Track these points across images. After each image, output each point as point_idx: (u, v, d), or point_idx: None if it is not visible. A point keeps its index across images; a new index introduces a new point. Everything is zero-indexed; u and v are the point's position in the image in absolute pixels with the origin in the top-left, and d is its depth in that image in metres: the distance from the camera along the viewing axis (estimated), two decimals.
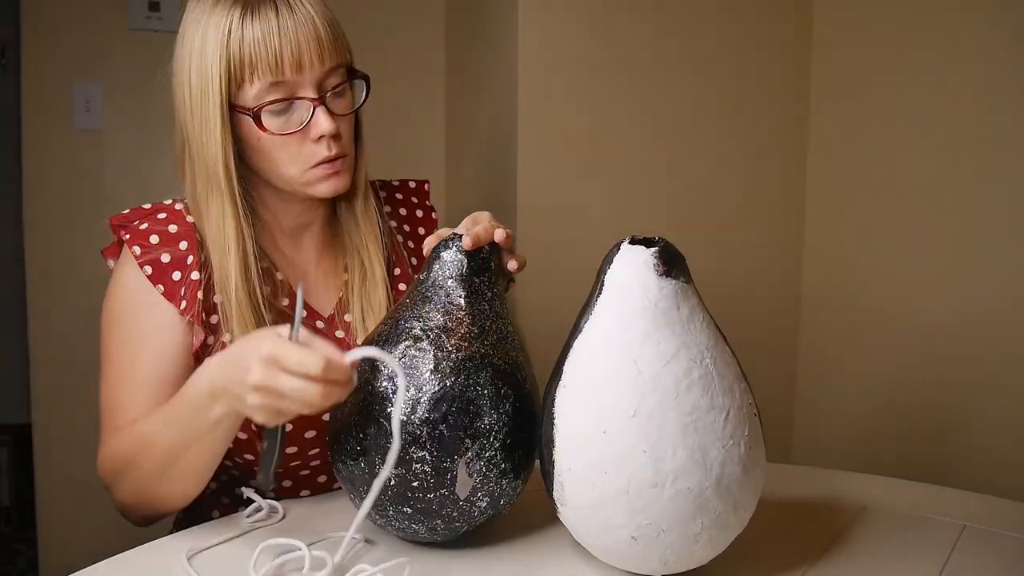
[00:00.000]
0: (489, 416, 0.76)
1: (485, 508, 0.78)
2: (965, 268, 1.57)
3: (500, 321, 0.82)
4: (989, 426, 1.54)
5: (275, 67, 0.88)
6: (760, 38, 1.75)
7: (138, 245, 0.93)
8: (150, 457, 0.83)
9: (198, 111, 0.90)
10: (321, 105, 0.91)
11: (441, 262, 0.82)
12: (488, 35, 1.76)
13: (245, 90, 0.89)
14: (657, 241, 0.72)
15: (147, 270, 0.92)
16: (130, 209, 0.97)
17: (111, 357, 0.93)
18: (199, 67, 0.89)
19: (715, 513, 0.69)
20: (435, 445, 0.75)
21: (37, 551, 1.95)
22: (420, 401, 0.75)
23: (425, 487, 0.75)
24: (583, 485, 0.70)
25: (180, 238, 0.94)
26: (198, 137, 0.91)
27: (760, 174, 1.78)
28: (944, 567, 0.79)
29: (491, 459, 0.76)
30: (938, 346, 1.62)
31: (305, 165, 0.92)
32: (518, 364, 0.81)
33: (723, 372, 0.70)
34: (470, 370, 0.77)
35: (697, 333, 0.70)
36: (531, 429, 0.79)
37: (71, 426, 1.80)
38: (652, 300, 0.69)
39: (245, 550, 0.79)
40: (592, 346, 0.71)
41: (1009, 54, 1.47)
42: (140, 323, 0.92)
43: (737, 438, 0.69)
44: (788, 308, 1.86)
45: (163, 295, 0.91)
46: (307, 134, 0.91)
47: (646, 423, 0.67)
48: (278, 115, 0.90)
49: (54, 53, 1.85)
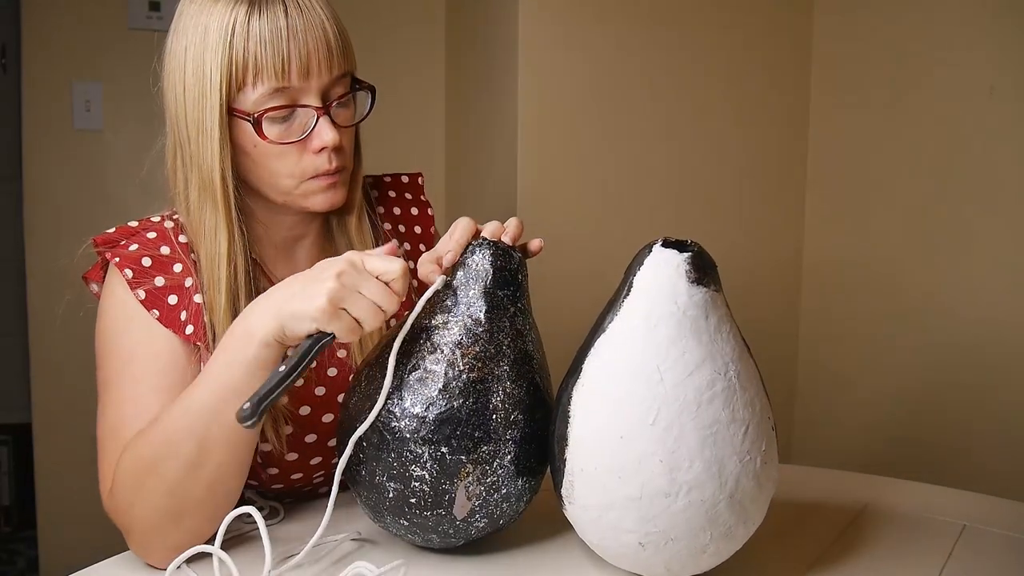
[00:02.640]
0: (495, 442, 0.73)
1: (483, 527, 0.76)
2: (965, 270, 1.57)
3: (520, 340, 0.77)
4: (989, 426, 1.54)
5: (281, 72, 0.82)
6: (761, 37, 1.75)
7: (129, 268, 0.86)
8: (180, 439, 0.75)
9: (194, 114, 0.83)
10: (325, 115, 0.85)
11: (466, 269, 0.77)
12: (488, 33, 1.75)
13: (245, 93, 0.83)
14: (690, 246, 0.69)
15: (139, 294, 0.85)
16: (115, 228, 0.90)
17: (110, 383, 0.85)
18: (197, 66, 0.82)
19: (725, 526, 0.68)
20: (435, 466, 0.72)
21: (37, 551, 1.95)
22: (425, 420, 0.73)
23: (422, 505, 0.74)
24: (594, 487, 0.69)
25: (173, 260, 0.88)
26: (194, 141, 0.84)
27: (761, 173, 1.78)
28: (944, 567, 0.79)
29: (492, 484, 0.74)
30: (938, 346, 1.61)
31: (302, 176, 0.86)
32: (534, 386, 0.77)
33: (746, 385, 0.68)
34: (480, 392, 0.73)
35: (723, 344, 0.68)
36: (539, 455, 0.76)
37: (71, 426, 1.80)
38: (681, 307, 0.67)
39: (246, 550, 0.79)
40: (615, 348, 0.69)
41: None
42: (137, 349, 0.85)
43: (754, 453, 0.68)
44: (788, 308, 1.86)
45: (159, 320, 0.85)
46: (307, 144, 0.85)
47: (664, 432, 0.66)
48: (278, 122, 0.84)
49: (54, 53, 1.85)
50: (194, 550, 0.76)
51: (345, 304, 0.71)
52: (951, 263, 1.58)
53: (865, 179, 1.72)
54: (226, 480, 0.78)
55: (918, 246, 1.63)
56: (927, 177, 1.61)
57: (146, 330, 0.85)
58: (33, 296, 1.88)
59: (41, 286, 1.88)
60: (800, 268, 1.85)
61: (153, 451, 0.76)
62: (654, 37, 1.66)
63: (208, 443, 0.75)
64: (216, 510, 0.78)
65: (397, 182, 1.08)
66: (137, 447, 0.77)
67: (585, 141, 1.63)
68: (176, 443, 0.75)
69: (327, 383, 0.93)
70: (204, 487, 0.77)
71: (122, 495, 0.78)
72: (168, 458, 0.75)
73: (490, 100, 1.75)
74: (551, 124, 1.60)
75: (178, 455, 0.75)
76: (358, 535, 0.83)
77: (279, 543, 0.80)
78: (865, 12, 1.71)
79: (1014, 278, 1.49)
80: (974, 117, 1.53)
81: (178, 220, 0.91)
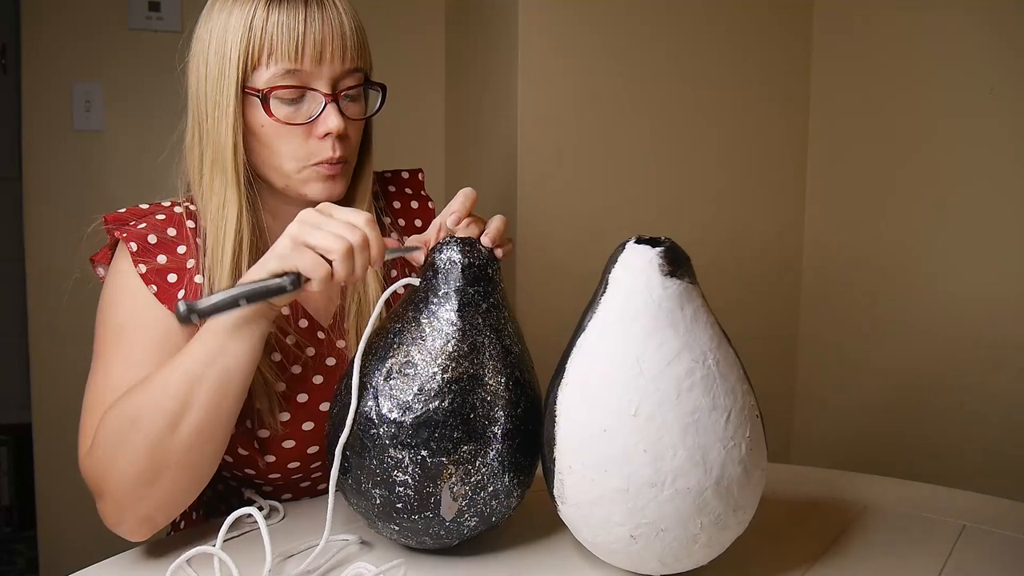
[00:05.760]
0: (476, 441, 0.73)
1: (475, 526, 0.76)
2: (965, 267, 1.57)
3: (495, 335, 0.76)
4: (990, 426, 1.54)
5: (294, 54, 0.86)
6: (761, 37, 1.75)
7: (135, 242, 0.90)
8: (163, 397, 0.78)
9: (212, 92, 0.88)
10: (333, 102, 0.88)
11: (434, 269, 0.77)
12: (488, 30, 1.76)
13: (259, 73, 0.87)
14: (663, 241, 0.71)
15: (141, 268, 0.89)
16: (126, 208, 0.94)
17: (102, 351, 0.89)
18: (219, 47, 0.87)
19: (714, 514, 0.69)
20: (417, 470, 0.72)
21: (37, 551, 1.95)
22: (403, 425, 0.72)
23: (409, 509, 0.74)
24: (583, 483, 0.70)
25: (178, 242, 0.92)
26: (210, 117, 0.88)
27: (762, 172, 1.78)
28: (944, 567, 0.79)
29: (478, 483, 0.73)
30: (938, 346, 1.62)
31: (305, 161, 0.90)
32: (514, 381, 0.76)
33: (725, 373, 0.70)
34: (456, 392, 0.73)
35: (700, 334, 0.70)
36: (526, 450, 0.76)
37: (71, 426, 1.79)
38: (656, 300, 0.69)
39: (246, 550, 0.79)
40: (594, 344, 0.71)
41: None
42: (131, 321, 0.88)
43: (738, 439, 0.69)
44: (788, 308, 1.86)
45: (155, 295, 0.88)
46: (313, 129, 0.89)
47: (646, 423, 0.67)
48: (288, 104, 0.88)
49: (54, 53, 1.85)
50: (195, 551, 0.76)
51: (307, 238, 0.75)
52: (951, 264, 1.58)
53: (865, 183, 1.72)
54: (203, 444, 0.80)
55: (920, 245, 1.63)
56: (928, 176, 1.61)
57: (143, 304, 0.88)
58: (33, 296, 1.88)
59: (41, 286, 1.88)
60: (800, 270, 1.85)
61: (136, 409, 0.79)
62: (654, 34, 1.66)
63: (190, 404, 0.78)
64: (191, 480, 0.81)
65: (397, 178, 1.10)
66: (120, 406, 0.80)
67: (585, 139, 1.63)
68: (159, 402, 0.78)
69: (325, 372, 0.95)
70: (182, 448, 0.79)
71: (101, 452, 0.80)
72: (150, 417, 0.78)
73: (490, 99, 1.75)
74: (551, 118, 1.60)
75: (160, 415, 0.78)
76: (359, 539, 0.83)
77: (279, 543, 0.80)
78: (865, 12, 1.71)
79: (1015, 278, 1.49)
80: (974, 117, 1.53)
81: (187, 207, 0.94)
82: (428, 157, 2.04)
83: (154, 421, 0.78)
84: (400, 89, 1.98)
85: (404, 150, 1.95)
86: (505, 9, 1.63)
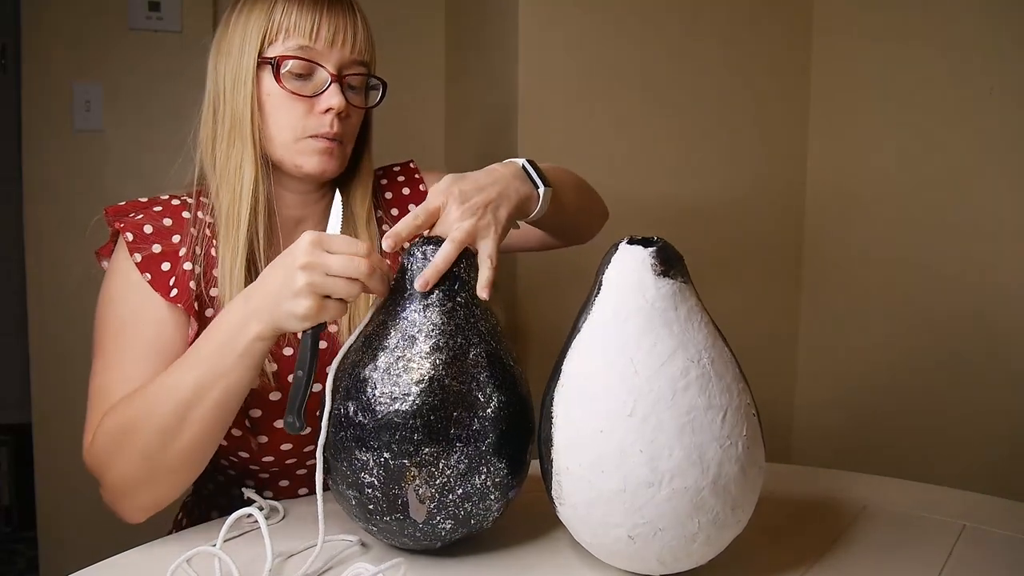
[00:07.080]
0: (437, 444, 0.72)
1: (452, 528, 0.75)
2: (967, 263, 1.57)
3: (462, 336, 0.75)
4: (990, 426, 1.54)
5: (310, 32, 0.93)
6: (761, 32, 1.75)
7: (131, 232, 0.94)
8: (161, 411, 0.80)
9: (232, 67, 0.94)
10: (337, 83, 0.94)
11: (401, 271, 0.77)
12: (488, 23, 1.75)
13: (275, 46, 0.94)
14: (656, 241, 0.71)
15: (136, 257, 0.93)
16: (127, 201, 0.98)
17: (103, 346, 0.92)
18: (241, 29, 0.94)
19: (712, 513, 0.69)
20: (381, 472, 0.72)
21: (37, 551, 1.95)
22: (365, 427, 0.72)
23: (380, 510, 0.74)
24: (580, 484, 0.70)
25: (173, 231, 0.96)
26: (229, 90, 0.94)
27: (762, 171, 1.78)
28: (944, 567, 0.79)
29: (444, 485, 0.73)
30: (939, 346, 1.62)
31: (303, 132, 0.95)
32: (480, 383, 0.74)
33: (721, 372, 0.70)
34: (416, 395, 0.72)
35: (695, 333, 0.70)
36: (500, 452, 0.74)
37: (71, 426, 1.78)
38: (649, 300, 0.69)
39: (246, 550, 0.80)
40: (589, 346, 0.71)
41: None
42: (131, 310, 0.92)
43: (735, 438, 0.69)
44: (788, 308, 1.86)
45: (149, 283, 0.92)
46: (316, 105, 0.94)
47: (642, 423, 0.67)
48: (295, 78, 0.94)
49: (54, 53, 1.84)
50: (195, 551, 0.76)
51: (323, 289, 0.75)
52: (952, 265, 1.58)
53: (863, 192, 1.72)
54: (198, 453, 0.83)
55: (920, 243, 1.63)
56: (927, 177, 1.61)
57: (141, 299, 0.92)
58: (32, 296, 1.88)
59: (40, 286, 1.88)
60: (800, 270, 1.85)
61: (134, 418, 0.82)
62: (654, 27, 1.65)
63: (188, 420, 0.80)
64: (187, 479, 0.85)
65: (389, 172, 1.14)
66: (120, 412, 0.83)
67: (585, 131, 1.62)
68: (157, 415, 0.80)
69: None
70: (178, 458, 0.82)
71: (101, 451, 0.84)
72: (147, 427, 0.81)
73: (490, 88, 1.75)
74: (551, 114, 1.59)
75: (157, 426, 0.80)
76: (359, 540, 0.83)
77: (279, 543, 0.80)
78: (864, 11, 1.71)
79: (1016, 279, 1.49)
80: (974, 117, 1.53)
81: (185, 199, 0.99)
82: (428, 149, 2.04)
83: (150, 433, 0.80)
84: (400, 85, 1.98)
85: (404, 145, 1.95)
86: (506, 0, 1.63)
